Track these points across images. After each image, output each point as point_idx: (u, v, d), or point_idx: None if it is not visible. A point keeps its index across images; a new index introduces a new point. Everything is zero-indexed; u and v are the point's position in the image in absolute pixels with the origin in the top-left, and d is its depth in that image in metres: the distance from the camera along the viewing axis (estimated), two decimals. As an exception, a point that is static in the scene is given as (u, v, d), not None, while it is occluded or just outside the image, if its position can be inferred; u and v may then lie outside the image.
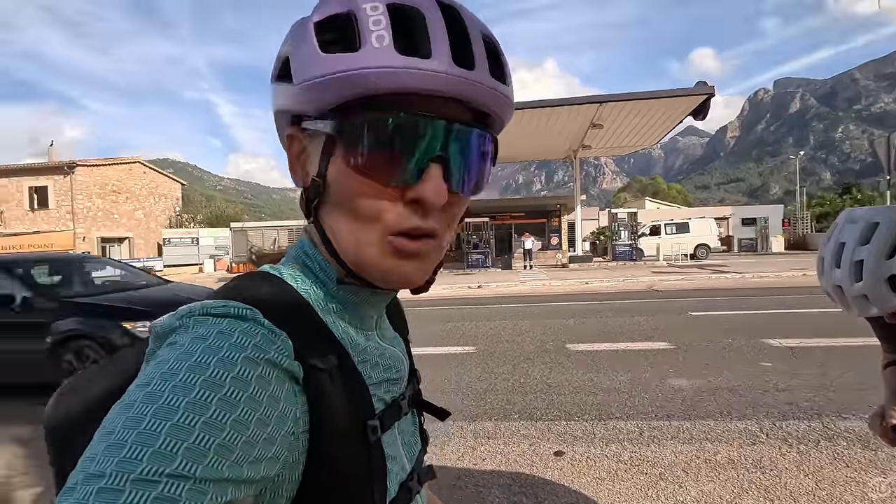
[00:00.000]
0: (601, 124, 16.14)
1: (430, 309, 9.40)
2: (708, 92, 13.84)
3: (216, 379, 0.32)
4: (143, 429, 0.29)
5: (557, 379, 4.56)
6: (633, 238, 19.96)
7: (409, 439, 0.53)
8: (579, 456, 2.99)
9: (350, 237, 0.42)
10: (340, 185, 0.41)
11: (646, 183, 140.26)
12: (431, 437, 2.83)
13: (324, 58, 0.38)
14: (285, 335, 0.38)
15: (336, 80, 0.38)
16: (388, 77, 0.37)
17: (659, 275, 13.99)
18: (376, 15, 0.38)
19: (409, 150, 0.40)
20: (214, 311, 0.37)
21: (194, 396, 0.31)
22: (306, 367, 0.39)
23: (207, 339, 0.35)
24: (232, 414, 0.31)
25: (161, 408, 0.30)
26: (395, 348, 0.53)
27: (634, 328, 6.62)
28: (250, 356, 0.35)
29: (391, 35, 0.38)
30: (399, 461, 0.49)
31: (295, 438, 0.37)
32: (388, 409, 0.48)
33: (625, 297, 10.14)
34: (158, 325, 0.38)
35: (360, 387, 0.44)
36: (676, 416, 3.51)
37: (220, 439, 0.30)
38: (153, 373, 0.32)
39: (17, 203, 25.95)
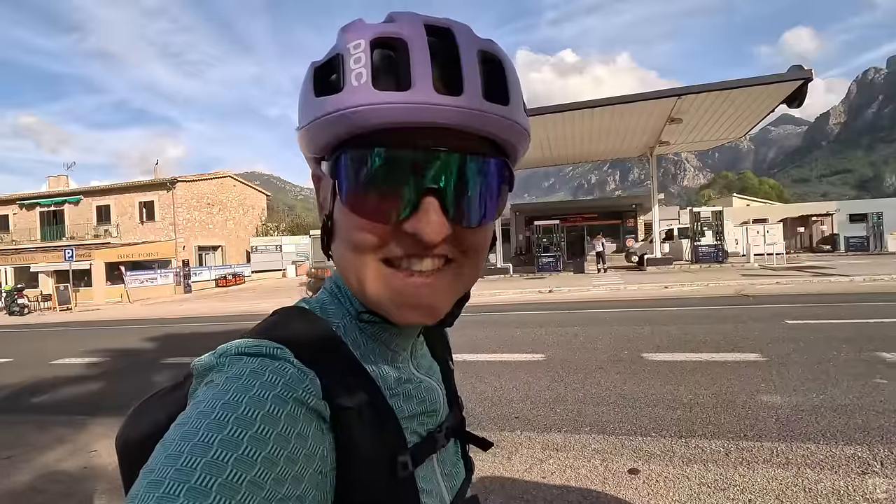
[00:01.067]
0: (680, 118, 15.16)
1: (500, 314, 9.32)
2: (804, 76, 12.53)
3: (248, 416, 0.33)
4: (180, 465, 0.30)
5: (632, 390, 4.31)
6: (720, 238, 18.51)
7: (450, 470, 0.52)
8: (656, 475, 2.80)
9: (351, 270, 0.43)
10: (341, 222, 0.43)
11: (733, 179, 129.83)
12: (499, 445, 2.80)
13: (316, 101, 0.39)
14: (314, 374, 0.39)
15: (325, 121, 0.39)
16: (369, 114, 0.37)
17: (749, 278, 12.85)
18: (357, 53, 0.38)
19: (397, 185, 0.39)
20: (248, 350, 0.39)
21: (227, 433, 0.32)
22: (333, 406, 0.39)
23: (240, 378, 0.36)
24: (262, 451, 0.32)
25: (197, 445, 0.31)
26: (431, 379, 0.53)
27: (720, 337, 6.12)
28: (280, 395, 0.36)
29: (370, 71, 0.38)
30: (438, 494, 0.48)
31: (322, 477, 0.37)
32: (423, 442, 0.48)
33: (709, 302, 9.41)
34: (199, 363, 0.40)
35: (390, 422, 0.44)
36: (769, 437, 3.18)
37: (251, 475, 0.31)
38: (191, 411, 0.34)
39: (129, 216, 29.22)
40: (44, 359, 8.29)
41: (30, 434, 4.38)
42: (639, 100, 14.06)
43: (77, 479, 3.40)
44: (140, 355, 8.09)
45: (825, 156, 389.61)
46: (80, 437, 4.21)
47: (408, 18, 0.40)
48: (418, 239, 0.39)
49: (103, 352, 8.55)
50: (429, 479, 0.48)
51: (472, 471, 0.58)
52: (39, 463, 3.70)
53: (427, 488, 0.47)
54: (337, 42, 0.41)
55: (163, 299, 21.72)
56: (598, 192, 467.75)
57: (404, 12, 0.42)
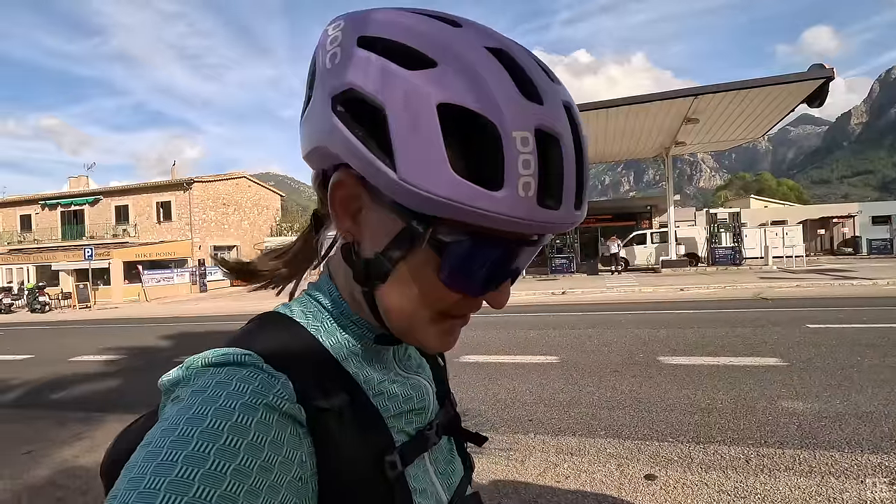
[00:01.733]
0: (697, 118, 14.96)
1: (512, 316, 9.27)
2: (825, 75, 12.28)
3: (213, 429, 0.32)
4: (143, 488, 0.29)
5: (648, 394, 4.25)
6: (737, 240, 18.21)
7: (444, 468, 0.51)
8: (673, 482, 2.75)
9: (404, 316, 0.42)
10: (414, 281, 0.40)
11: (750, 179, 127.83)
12: (513, 449, 2.77)
13: (455, 181, 0.34)
14: (285, 378, 0.38)
15: (460, 210, 0.34)
16: (516, 226, 0.35)
17: (768, 281, 12.61)
18: (526, 153, 0.34)
19: (502, 270, 0.40)
20: (215, 360, 0.38)
21: (192, 449, 0.31)
22: (309, 409, 0.38)
23: (206, 390, 0.35)
24: (231, 463, 0.31)
25: (160, 465, 0.30)
26: (420, 376, 0.51)
27: (738, 341, 6.00)
28: (248, 402, 0.34)
29: (538, 182, 0.34)
30: (433, 493, 0.47)
31: (303, 483, 0.36)
32: (412, 441, 0.46)
33: (726, 305, 9.25)
34: (166, 379, 0.39)
35: (375, 421, 0.43)
36: (791, 444, 3.10)
37: (220, 490, 0.30)
38: (155, 430, 0.33)
39: (147, 216, 29.72)
40: (63, 355, 8.46)
41: (49, 429, 4.46)
42: (654, 100, 13.90)
43: (94, 476, 3.43)
44: (156, 353, 8.21)
45: (846, 156, 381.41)
46: (97, 433, 4.27)
47: (550, 93, 0.36)
48: (483, 303, 0.43)
49: (121, 349, 8.70)
50: (421, 478, 0.46)
51: (471, 468, 0.57)
52: (59, 458, 3.76)
53: (420, 487, 0.45)
54: (478, 91, 0.34)
55: (179, 298, 22.06)
56: (612, 193, 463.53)
57: (521, 53, 0.37)
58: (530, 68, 0.36)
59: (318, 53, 0.40)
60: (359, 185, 0.39)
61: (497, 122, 0.33)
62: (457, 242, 0.37)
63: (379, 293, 0.42)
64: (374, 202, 0.39)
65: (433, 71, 0.34)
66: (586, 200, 0.39)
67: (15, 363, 8.17)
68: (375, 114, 0.35)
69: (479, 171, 0.34)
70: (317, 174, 0.47)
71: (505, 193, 0.33)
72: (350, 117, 0.37)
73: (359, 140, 0.36)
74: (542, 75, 0.37)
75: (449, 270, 0.38)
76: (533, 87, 0.35)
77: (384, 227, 0.39)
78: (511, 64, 0.36)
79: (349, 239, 0.43)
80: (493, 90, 0.34)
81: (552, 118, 0.35)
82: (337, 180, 0.40)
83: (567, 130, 0.36)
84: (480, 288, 0.40)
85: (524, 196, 0.34)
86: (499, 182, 0.33)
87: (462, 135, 0.34)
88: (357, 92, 0.36)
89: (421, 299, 0.40)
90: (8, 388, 6.33)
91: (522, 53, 0.37)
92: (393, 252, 0.39)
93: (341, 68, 0.37)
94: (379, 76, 0.35)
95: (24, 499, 3.13)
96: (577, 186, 0.37)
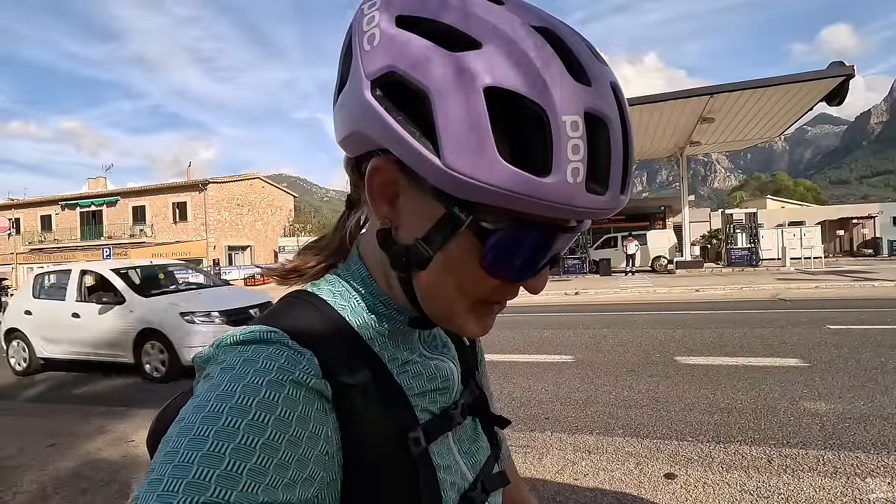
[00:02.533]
0: (712, 118, 14.79)
1: (526, 316, 9.23)
2: (845, 73, 12.06)
3: (242, 405, 0.33)
4: (177, 462, 0.30)
5: (666, 394, 4.20)
6: (754, 241, 17.93)
7: (469, 447, 0.51)
8: (694, 480, 2.72)
9: (444, 302, 0.42)
10: (454, 268, 0.40)
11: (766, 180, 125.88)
12: (530, 446, 2.74)
13: (502, 167, 0.33)
14: (311, 354, 0.38)
15: (506, 197, 0.33)
16: (561, 213, 0.35)
17: (786, 282, 12.40)
18: (576, 138, 0.33)
19: (543, 257, 0.40)
20: (242, 338, 0.39)
21: (222, 424, 0.32)
22: (335, 385, 0.38)
23: (234, 367, 0.36)
24: (260, 438, 0.32)
25: (193, 439, 0.31)
26: (445, 356, 0.51)
27: (756, 341, 5.91)
28: (275, 379, 0.35)
29: (586, 169, 0.33)
30: (457, 471, 0.47)
31: (329, 457, 0.36)
32: (436, 419, 0.47)
33: (743, 306, 9.12)
34: (199, 357, 0.40)
35: (399, 399, 0.43)
36: (814, 445, 3.05)
37: (250, 464, 0.31)
38: (188, 406, 0.34)
39: (163, 217, 30.20)
40: (84, 352, 8.60)
41: (73, 423, 4.54)
42: (669, 99, 13.77)
43: (116, 468, 3.50)
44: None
45: (866, 156, 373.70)
46: (119, 427, 4.35)
47: (598, 74, 0.35)
48: (520, 289, 0.42)
49: (139, 346, 8.83)
50: (445, 455, 0.47)
51: (497, 447, 0.57)
52: (82, 450, 3.83)
53: (444, 464, 0.46)
54: (525, 70, 0.33)
55: (194, 297, 22.31)
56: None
57: (572, 35, 0.36)
58: (577, 48, 0.35)
59: (354, 34, 0.39)
60: (397, 170, 0.38)
61: (546, 105, 0.32)
62: (499, 230, 0.36)
63: (417, 280, 0.42)
64: (413, 188, 0.39)
65: (478, 52, 0.33)
66: (630, 185, 0.38)
67: (37, 359, 8.33)
68: (417, 98, 0.34)
69: (526, 157, 0.33)
70: (349, 158, 0.46)
71: (553, 180, 0.33)
72: (390, 101, 0.36)
73: (400, 125, 0.35)
74: (589, 55, 0.36)
75: (491, 258, 0.37)
76: (581, 68, 0.34)
77: (424, 214, 0.39)
78: (558, 43, 0.35)
79: (386, 225, 0.42)
80: (541, 72, 0.32)
81: (601, 100, 0.34)
82: (375, 166, 0.39)
83: (615, 113, 0.35)
84: (521, 275, 0.40)
85: (572, 182, 0.33)
86: (547, 168, 0.33)
87: (509, 119, 0.33)
88: (398, 75, 0.35)
89: (460, 286, 0.40)
90: (32, 383, 6.47)
91: (569, 32, 0.36)
92: (433, 239, 0.39)
93: (380, 50, 0.36)
94: (421, 58, 0.34)
95: (49, 490, 3.20)
96: (623, 171, 0.36)
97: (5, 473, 3.49)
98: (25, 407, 5.36)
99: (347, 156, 0.46)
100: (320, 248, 0.52)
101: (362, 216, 0.50)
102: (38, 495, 3.13)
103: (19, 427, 4.56)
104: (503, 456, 0.62)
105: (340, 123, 0.41)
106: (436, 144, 0.34)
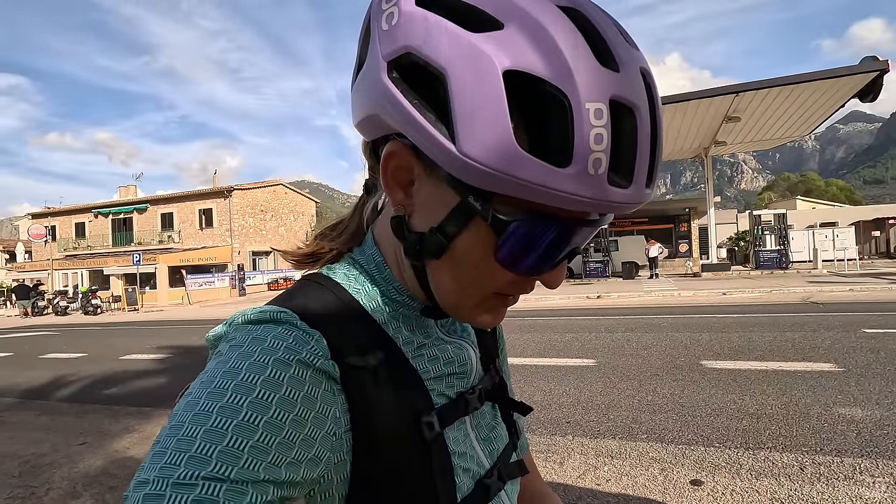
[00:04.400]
0: (738, 117, 14.44)
1: (546, 319, 9.14)
2: (880, 68, 11.62)
3: (247, 383, 0.33)
4: (181, 435, 0.30)
5: (692, 399, 4.09)
6: (783, 243, 17.38)
7: (487, 434, 0.50)
8: (722, 487, 2.63)
9: (456, 293, 0.41)
10: (468, 259, 0.38)
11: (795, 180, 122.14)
12: (551, 450, 2.70)
13: (519, 156, 0.31)
14: (319, 335, 0.38)
15: (523, 187, 0.32)
16: (581, 205, 0.33)
17: (818, 285, 11.98)
18: (599, 126, 0.31)
19: (560, 251, 0.38)
20: (252, 317, 0.39)
21: (227, 401, 0.32)
22: (343, 366, 0.38)
23: (242, 345, 0.36)
24: (263, 416, 0.32)
25: (198, 414, 0.31)
26: (463, 340, 0.50)
27: (787, 345, 5.71)
28: (281, 358, 0.35)
29: (609, 158, 0.32)
30: (472, 457, 0.46)
31: (337, 438, 0.36)
32: (452, 403, 0.46)
33: (772, 309, 8.83)
34: (211, 334, 0.40)
35: (412, 382, 0.43)
36: (850, 453, 2.92)
37: (252, 441, 0.31)
38: (196, 382, 0.35)
39: (190, 223, 30.96)
40: (114, 354, 8.88)
41: (102, 422, 4.68)
42: (693, 98, 13.50)
43: (144, 466, 3.59)
44: (200, 352, 8.50)
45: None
46: (146, 426, 4.46)
47: (626, 59, 0.33)
48: (536, 284, 0.41)
49: (167, 348, 9.08)
50: (461, 441, 0.46)
51: (516, 435, 0.55)
52: (111, 449, 3.94)
53: (460, 451, 0.45)
54: (548, 53, 0.31)
55: (220, 301, 22.82)
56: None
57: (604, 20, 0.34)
58: (606, 30, 0.33)
59: (372, 13, 0.38)
60: (413, 156, 0.37)
61: (569, 91, 0.30)
62: (516, 221, 0.34)
63: (430, 269, 0.41)
64: (428, 175, 0.37)
65: (500, 34, 0.32)
66: (657, 178, 0.36)
67: (71, 361, 8.62)
68: (435, 80, 0.33)
69: (546, 146, 0.31)
70: (367, 142, 0.46)
71: (573, 171, 0.31)
72: (407, 84, 0.35)
73: (415, 109, 0.34)
74: (619, 38, 0.34)
75: (506, 250, 0.36)
76: (609, 53, 0.32)
77: (439, 202, 0.37)
78: (585, 26, 0.33)
79: (400, 212, 0.41)
80: (565, 56, 0.31)
81: (629, 87, 0.32)
82: (389, 150, 0.38)
83: (644, 101, 0.33)
84: (538, 268, 0.38)
85: (594, 174, 0.31)
86: (567, 158, 0.31)
87: (529, 105, 0.32)
88: (415, 56, 0.34)
89: (474, 278, 0.39)
90: (64, 384, 6.69)
91: (598, 13, 0.34)
92: (447, 228, 0.37)
93: (398, 30, 0.35)
94: (440, 39, 0.33)
95: (79, 487, 3.29)
96: (649, 163, 0.34)
97: (39, 470, 3.61)
98: (59, 406, 5.54)
99: (364, 139, 0.45)
100: (338, 233, 0.52)
101: (379, 201, 0.50)
102: (69, 492, 3.22)
103: (53, 425, 4.72)
104: (521, 445, 0.61)
105: (357, 106, 0.41)
106: (451, 130, 0.32)
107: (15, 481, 3.44)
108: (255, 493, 0.30)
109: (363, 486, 0.38)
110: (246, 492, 0.29)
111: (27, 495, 3.21)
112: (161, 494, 0.28)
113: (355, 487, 0.38)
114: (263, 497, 0.30)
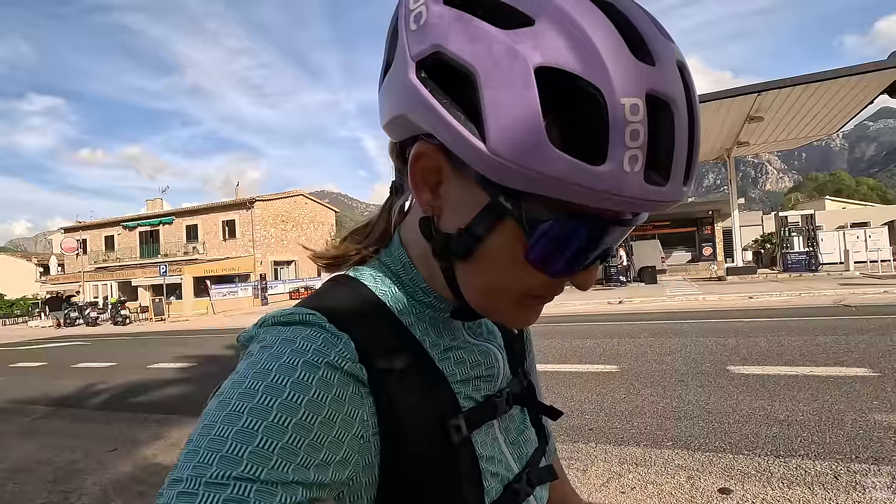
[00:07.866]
0: (761, 117, 14.13)
1: (567, 325, 9.04)
2: (909, 62, 11.26)
3: (277, 384, 0.33)
4: (213, 435, 0.31)
5: (718, 405, 3.99)
6: (812, 244, 16.86)
7: (516, 438, 0.50)
8: (752, 496, 2.55)
9: (486, 295, 0.41)
10: (498, 260, 0.38)
11: (824, 180, 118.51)
12: (573, 458, 2.66)
13: (552, 154, 0.30)
14: (347, 338, 0.38)
15: (556, 187, 0.31)
16: (616, 204, 0.32)
17: (850, 287, 11.57)
18: (635, 122, 0.30)
19: (593, 251, 0.37)
20: (283, 318, 0.39)
21: (257, 402, 0.32)
22: (371, 369, 0.38)
23: (272, 346, 0.36)
24: (293, 417, 0.32)
25: (229, 415, 0.32)
26: (490, 343, 0.49)
27: (818, 350, 5.53)
28: (309, 360, 0.35)
29: (644, 157, 0.31)
30: (501, 461, 0.46)
31: (365, 441, 0.36)
32: (480, 407, 0.45)
33: (802, 312, 8.56)
34: (243, 336, 0.41)
35: (439, 385, 0.42)
36: (887, 461, 2.81)
37: (282, 442, 0.31)
38: (228, 382, 0.35)
39: (214, 234, 31.65)
40: (143, 363, 9.10)
41: (131, 430, 4.79)
42: (713, 98, 13.26)
43: (171, 472, 3.67)
44: (225, 361, 8.65)
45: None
46: (173, 433, 4.55)
47: (662, 52, 0.32)
48: (568, 286, 0.41)
49: (194, 357, 9.28)
50: (490, 445, 0.45)
51: (546, 440, 0.55)
52: (140, 456, 4.03)
53: (488, 455, 0.44)
54: (579, 49, 0.30)
55: (243, 311, 23.21)
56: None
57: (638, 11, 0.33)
58: (641, 23, 0.32)
59: (401, 12, 0.37)
60: (441, 156, 0.37)
61: (603, 87, 0.29)
62: (547, 221, 0.34)
63: (460, 270, 0.40)
64: (457, 175, 0.37)
65: (530, 30, 0.31)
66: (695, 174, 0.34)
67: (100, 370, 8.87)
68: (464, 79, 0.32)
69: (579, 143, 0.30)
70: (394, 143, 0.46)
71: (608, 168, 0.30)
72: (435, 83, 0.34)
73: (444, 108, 0.33)
74: (654, 31, 0.32)
75: (537, 251, 0.35)
76: (644, 46, 0.31)
77: (468, 202, 0.37)
78: (620, 18, 0.31)
79: (429, 213, 0.40)
80: (599, 50, 0.30)
81: (665, 81, 0.31)
82: (418, 151, 0.38)
83: (681, 95, 0.32)
84: (569, 270, 0.37)
85: (629, 171, 0.30)
86: (602, 155, 0.30)
87: (562, 102, 0.31)
88: (444, 55, 0.33)
89: (504, 280, 0.38)
90: (94, 392, 6.89)
91: (631, 5, 0.33)
92: (476, 229, 0.37)
93: (426, 29, 0.34)
94: (469, 37, 0.32)
95: (110, 493, 3.37)
96: (687, 159, 0.33)
97: (73, 476, 3.72)
98: (91, 413, 5.70)
99: (392, 140, 0.45)
100: (365, 235, 0.52)
101: (406, 202, 0.50)
102: (100, 498, 3.31)
103: (85, 433, 4.86)
104: (550, 450, 0.60)
105: (385, 107, 0.40)
106: (481, 129, 0.32)
107: (49, 486, 3.56)
108: (284, 494, 0.30)
109: (391, 489, 0.38)
110: (276, 492, 0.30)
111: (61, 500, 3.31)
112: (194, 493, 0.28)
113: (383, 490, 0.38)
114: (293, 498, 0.30)
